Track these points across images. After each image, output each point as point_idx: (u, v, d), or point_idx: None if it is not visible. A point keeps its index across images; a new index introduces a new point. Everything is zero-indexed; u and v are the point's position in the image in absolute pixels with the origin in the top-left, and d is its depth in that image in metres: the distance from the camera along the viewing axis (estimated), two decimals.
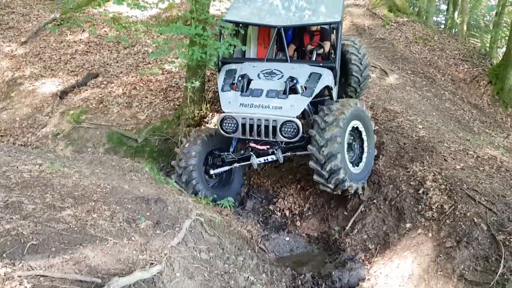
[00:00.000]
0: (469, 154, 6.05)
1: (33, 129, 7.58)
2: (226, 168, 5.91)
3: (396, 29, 12.41)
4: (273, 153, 5.45)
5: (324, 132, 5.04)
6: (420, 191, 5.16)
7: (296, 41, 6.61)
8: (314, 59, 6.11)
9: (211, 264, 3.96)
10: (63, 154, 6.65)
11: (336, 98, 5.98)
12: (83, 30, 10.30)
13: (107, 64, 9.34)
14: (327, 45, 6.35)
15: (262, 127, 4.99)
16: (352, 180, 5.24)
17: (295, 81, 5.11)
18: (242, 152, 5.80)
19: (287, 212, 6.16)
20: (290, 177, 6.69)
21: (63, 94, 8.22)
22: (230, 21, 5.90)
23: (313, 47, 6.23)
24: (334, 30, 6.31)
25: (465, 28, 18.98)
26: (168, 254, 3.53)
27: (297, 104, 5.03)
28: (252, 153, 5.54)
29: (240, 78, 5.28)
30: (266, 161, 5.54)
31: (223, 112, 5.12)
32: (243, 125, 5.05)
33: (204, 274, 3.76)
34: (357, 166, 5.57)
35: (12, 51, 9.71)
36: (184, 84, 7.49)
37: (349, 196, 5.72)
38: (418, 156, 5.68)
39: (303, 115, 5.64)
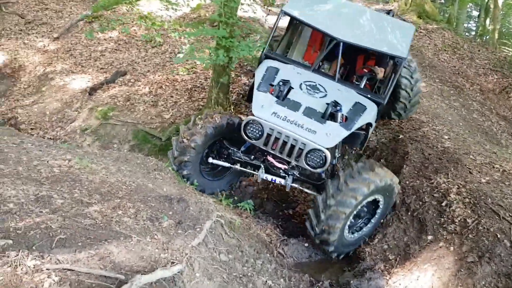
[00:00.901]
0: (495, 168, 5.94)
1: (62, 124, 7.79)
2: (226, 165, 5.48)
3: (425, 36, 12.27)
4: (284, 177, 5.07)
5: (328, 208, 4.63)
6: (444, 204, 5.10)
7: (347, 57, 6.13)
8: (362, 86, 5.65)
9: (230, 266, 4.01)
10: (91, 149, 6.81)
11: (369, 136, 5.53)
12: (114, 28, 10.51)
13: (135, 62, 9.52)
14: (381, 73, 5.85)
15: (288, 146, 4.61)
16: (339, 248, 4.98)
17: (338, 107, 4.76)
18: (252, 157, 5.41)
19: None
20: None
21: (92, 90, 8.42)
22: (289, 14, 5.54)
23: (365, 71, 5.79)
24: (393, 61, 5.73)
25: (496, 35, 18.64)
26: (189, 254, 3.59)
27: (333, 135, 4.63)
28: (262, 164, 5.16)
29: (281, 83, 4.93)
30: (273, 181, 5.10)
31: (252, 114, 4.73)
32: (268, 135, 4.67)
33: (223, 275, 3.82)
34: (357, 232, 5.17)
35: (44, 47, 10.01)
36: (209, 84, 7.58)
37: None
38: (442, 168, 5.61)
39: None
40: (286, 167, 4.98)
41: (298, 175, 5.10)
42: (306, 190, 5.15)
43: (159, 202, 4.23)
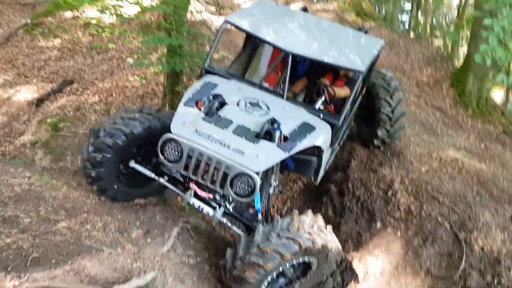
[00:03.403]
0: (433, 157, 6.51)
1: (10, 138, 7.58)
2: (150, 174, 4.40)
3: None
4: (214, 207, 4.14)
5: (249, 257, 3.73)
6: (389, 193, 5.56)
7: (312, 77, 5.54)
8: (318, 106, 4.95)
9: (199, 269, 4.22)
10: (44, 164, 6.75)
11: (325, 164, 4.86)
12: (56, 36, 10.28)
13: (82, 70, 9.38)
14: (342, 93, 5.15)
15: (211, 170, 3.78)
16: None
17: (276, 125, 3.99)
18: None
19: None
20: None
21: (39, 102, 8.22)
22: (234, 24, 4.85)
23: (320, 85, 5.12)
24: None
25: (428, 29, 19.87)
26: (160, 261, 3.77)
27: (266, 156, 3.81)
28: (192, 188, 4.16)
29: (212, 97, 4.19)
30: (200, 209, 4.14)
31: (170, 132, 3.92)
32: (189, 158, 3.84)
33: (193, 278, 4.02)
34: None
35: None
36: (162, 91, 7.68)
37: (325, 199, 6.07)
38: (386, 160, 6.07)
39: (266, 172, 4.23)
40: (211, 196, 4.13)
41: (230, 210, 4.23)
42: (234, 228, 4.23)
43: (126, 214, 4.36)
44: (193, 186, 4.13)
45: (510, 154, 9.02)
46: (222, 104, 4.17)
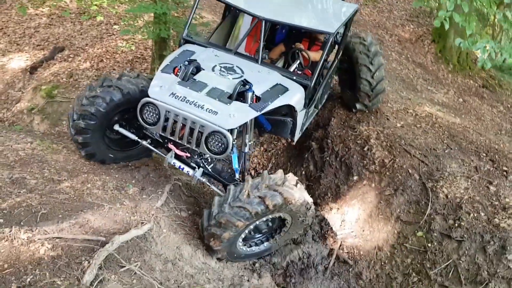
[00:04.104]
0: (409, 113, 6.92)
1: (7, 105, 7.91)
2: (133, 137, 4.69)
3: None
4: (193, 167, 4.50)
5: (222, 215, 3.99)
6: (365, 148, 6.00)
7: (290, 44, 5.69)
8: (293, 69, 5.19)
9: (190, 220, 4.70)
10: (42, 129, 7.12)
11: (301, 125, 5.08)
12: (44, 2, 10.35)
13: (72, 36, 9.55)
14: (316, 56, 5.34)
15: (187, 130, 4.05)
16: (229, 256, 4.42)
17: (248, 86, 4.20)
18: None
19: (252, 172, 6.94)
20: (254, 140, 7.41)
21: (32, 69, 8.47)
22: None
23: (295, 49, 5.34)
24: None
25: None
26: (155, 214, 4.23)
27: (238, 115, 4.06)
28: (171, 149, 4.50)
29: (187, 63, 4.37)
30: (181, 169, 4.50)
31: (148, 96, 4.17)
32: (166, 120, 4.11)
33: (185, 229, 4.50)
34: (256, 246, 4.65)
35: None
36: (151, 56, 7.95)
37: (306, 155, 6.52)
38: (364, 118, 6.47)
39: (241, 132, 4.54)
40: (188, 155, 4.48)
41: (209, 170, 4.61)
42: (213, 187, 4.63)
43: (122, 173, 4.79)
44: (171, 146, 4.45)
45: (487, 107, 9.48)
46: (198, 69, 4.39)
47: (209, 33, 5.87)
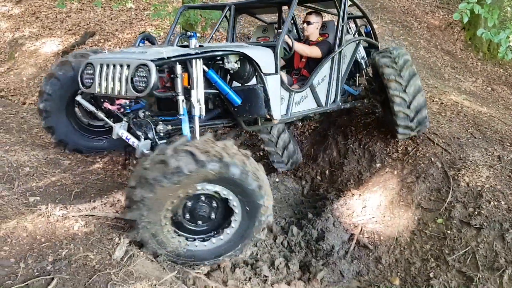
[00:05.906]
0: (435, 101, 6.89)
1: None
2: (92, 109, 4.35)
3: None
4: (138, 137, 3.84)
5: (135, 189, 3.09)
6: (389, 136, 6.03)
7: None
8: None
9: None
10: None
11: (278, 97, 4.26)
12: None
13: (102, 22, 9.81)
14: (313, 51, 5.08)
15: (117, 76, 3.63)
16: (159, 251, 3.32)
17: (190, 33, 3.89)
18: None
19: None
20: None
21: (64, 53, 8.75)
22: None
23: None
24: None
25: None
26: None
27: (169, 51, 3.59)
28: (125, 118, 4.00)
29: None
30: (127, 140, 3.88)
31: None
32: (100, 74, 3.76)
33: None
34: (199, 241, 3.39)
35: (8, 11, 10.10)
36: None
37: (329, 142, 6.59)
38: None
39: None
40: (119, 106, 3.99)
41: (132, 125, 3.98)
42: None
43: None
44: (106, 104, 4.09)
45: None
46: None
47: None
